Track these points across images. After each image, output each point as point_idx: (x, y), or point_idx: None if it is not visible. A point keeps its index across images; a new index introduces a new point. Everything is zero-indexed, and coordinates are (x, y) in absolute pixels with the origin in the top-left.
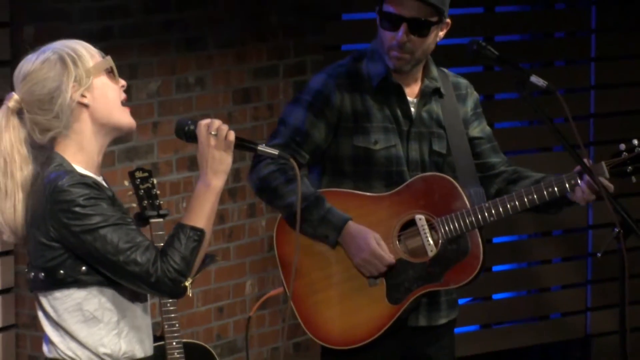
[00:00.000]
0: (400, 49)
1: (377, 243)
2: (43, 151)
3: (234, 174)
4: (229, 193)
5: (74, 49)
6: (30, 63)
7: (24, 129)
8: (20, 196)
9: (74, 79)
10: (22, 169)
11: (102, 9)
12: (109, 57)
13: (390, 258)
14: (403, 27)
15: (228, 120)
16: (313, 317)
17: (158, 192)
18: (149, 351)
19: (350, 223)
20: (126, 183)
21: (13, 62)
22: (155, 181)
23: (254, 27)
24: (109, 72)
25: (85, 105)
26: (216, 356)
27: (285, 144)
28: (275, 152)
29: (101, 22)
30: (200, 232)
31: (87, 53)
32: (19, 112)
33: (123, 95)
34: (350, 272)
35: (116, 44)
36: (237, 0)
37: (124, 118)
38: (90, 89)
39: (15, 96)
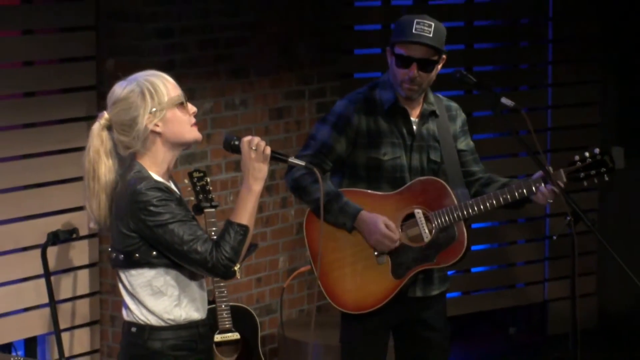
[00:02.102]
0: (412, 82)
1: (385, 225)
2: (126, 159)
3: (270, 174)
4: (266, 189)
5: (153, 84)
6: (120, 89)
7: (111, 141)
8: (103, 197)
9: (149, 111)
10: (107, 175)
11: (167, 46)
12: (180, 93)
13: (395, 235)
14: (414, 66)
15: (265, 133)
16: (333, 289)
17: (211, 188)
18: (203, 315)
19: (363, 212)
20: (186, 181)
21: (98, 87)
22: (208, 180)
23: (285, 60)
24: (180, 104)
25: (158, 133)
26: (255, 316)
27: (314, 154)
28: (302, 163)
29: (166, 56)
30: (245, 228)
31: (164, 88)
32: (108, 128)
33: (192, 120)
34: (363, 253)
35: (178, 73)
36: (272, 39)
37: (191, 135)
38: (163, 119)
39: (106, 115)
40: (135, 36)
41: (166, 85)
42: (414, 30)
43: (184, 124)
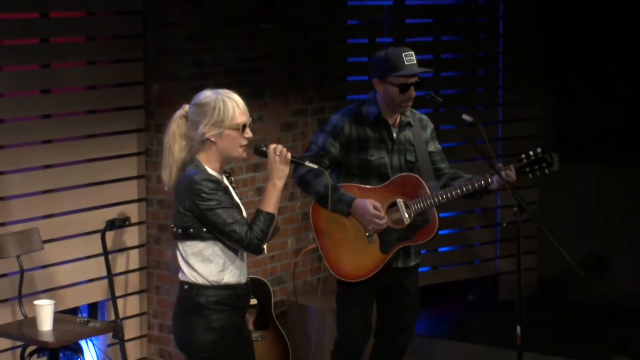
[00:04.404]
0: (409, 100)
1: (373, 206)
2: (194, 148)
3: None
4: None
5: (225, 104)
6: (203, 96)
7: (185, 127)
8: (174, 169)
9: (211, 123)
10: (178, 152)
11: (200, 74)
12: (245, 120)
13: (382, 214)
14: (412, 89)
15: (277, 142)
16: (335, 262)
17: (235, 185)
18: (242, 280)
19: (356, 200)
20: None
21: (145, 106)
22: (232, 179)
23: (293, 85)
24: (238, 129)
25: (213, 142)
26: (269, 286)
27: (314, 155)
28: (315, 166)
29: (199, 82)
30: (271, 215)
31: (232, 111)
32: (185, 117)
33: (243, 142)
34: (358, 234)
35: None
36: (283, 68)
37: (236, 154)
38: (220, 134)
39: (186, 107)
40: (175, 66)
41: (234, 110)
42: (406, 63)
43: (234, 144)
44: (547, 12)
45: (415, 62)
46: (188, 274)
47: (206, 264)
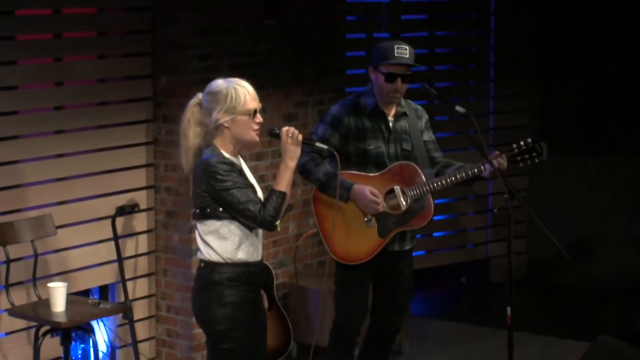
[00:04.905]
0: (396, 92)
1: (370, 192)
2: (209, 134)
3: (271, 165)
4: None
5: (237, 92)
6: (216, 85)
7: (199, 115)
8: (190, 154)
9: (224, 110)
10: (193, 138)
11: (205, 67)
12: (256, 106)
13: (379, 200)
14: (398, 80)
15: None
16: (335, 245)
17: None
18: (256, 258)
19: (355, 185)
20: None
21: (153, 98)
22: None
23: (294, 78)
24: (249, 114)
25: (226, 127)
26: (272, 269)
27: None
28: (325, 146)
29: (205, 75)
30: (283, 194)
31: (243, 98)
32: (199, 105)
33: (255, 127)
34: (357, 219)
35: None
36: (285, 62)
37: (250, 137)
38: (233, 120)
39: (200, 96)
40: (182, 60)
41: (246, 96)
42: (395, 54)
43: (247, 128)
44: (537, 8)
45: (406, 55)
46: (205, 252)
47: (222, 241)
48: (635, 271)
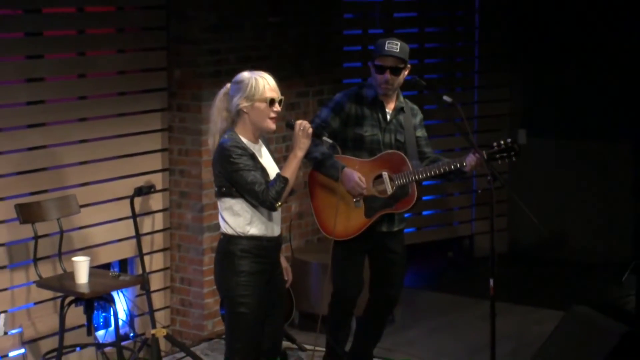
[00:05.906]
0: (387, 83)
1: (358, 177)
2: (230, 122)
3: (285, 148)
4: (284, 157)
5: (257, 81)
6: (241, 76)
7: (225, 103)
8: (217, 136)
9: (244, 97)
10: (221, 123)
11: (215, 61)
12: (274, 96)
13: (364, 184)
14: (387, 72)
15: (282, 121)
16: (326, 223)
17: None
18: (269, 234)
19: (346, 168)
20: None
21: (168, 89)
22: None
23: (296, 71)
24: (267, 102)
25: (245, 112)
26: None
27: (317, 127)
28: (330, 141)
29: (214, 67)
30: (286, 180)
31: (262, 87)
32: (226, 94)
33: (272, 115)
34: (346, 199)
35: (222, 80)
36: (288, 56)
37: (266, 124)
38: (252, 106)
39: (228, 85)
40: (194, 54)
41: (265, 86)
42: (385, 48)
43: (263, 115)
44: (518, 7)
45: (396, 49)
46: (222, 226)
47: (235, 217)
48: (608, 245)
